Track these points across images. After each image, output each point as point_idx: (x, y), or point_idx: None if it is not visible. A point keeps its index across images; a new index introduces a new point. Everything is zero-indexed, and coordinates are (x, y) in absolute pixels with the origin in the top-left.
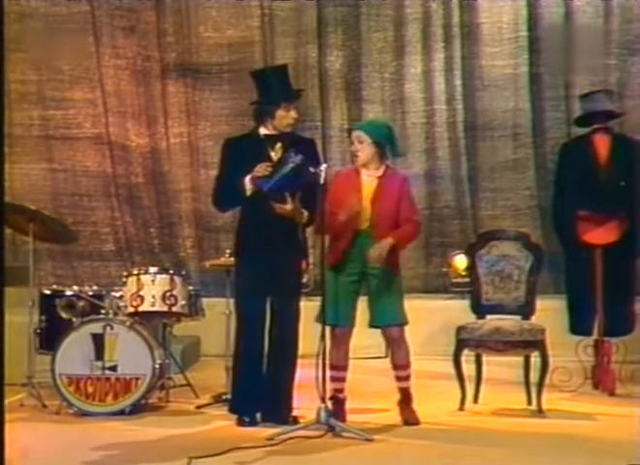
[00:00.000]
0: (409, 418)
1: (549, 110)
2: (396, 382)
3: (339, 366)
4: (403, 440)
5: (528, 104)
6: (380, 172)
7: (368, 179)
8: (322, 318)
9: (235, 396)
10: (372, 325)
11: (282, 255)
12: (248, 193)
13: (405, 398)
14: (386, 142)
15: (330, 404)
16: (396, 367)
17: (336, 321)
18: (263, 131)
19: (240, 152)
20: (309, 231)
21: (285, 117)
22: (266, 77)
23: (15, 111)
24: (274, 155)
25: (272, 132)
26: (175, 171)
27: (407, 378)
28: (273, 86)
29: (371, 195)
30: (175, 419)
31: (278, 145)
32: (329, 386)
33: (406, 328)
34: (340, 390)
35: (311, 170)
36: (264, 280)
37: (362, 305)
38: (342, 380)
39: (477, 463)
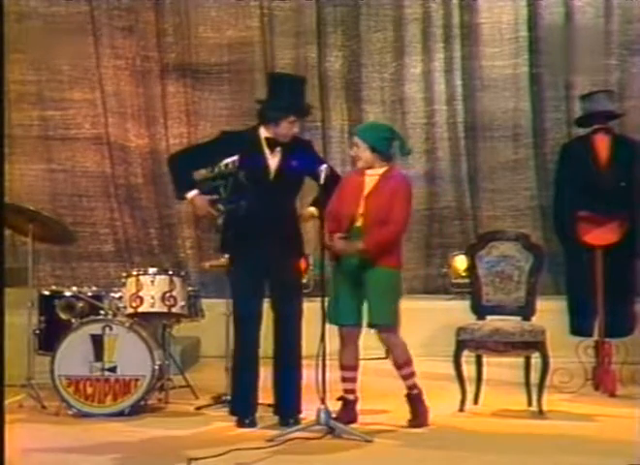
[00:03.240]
0: (415, 422)
1: (549, 111)
2: (402, 380)
3: (348, 366)
4: (403, 441)
5: (528, 104)
6: (380, 172)
7: (370, 179)
8: (324, 317)
9: (235, 398)
10: (368, 324)
11: (279, 255)
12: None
13: (413, 399)
14: (383, 147)
15: (339, 404)
16: (396, 367)
17: (340, 319)
18: (264, 133)
19: (236, 148)
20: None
21: (288, 129)
22: (283, 84)
23: (14, 112)
24: (272, 158)
25: (272, 135)
26: None
27: (410, 376)
28: (288, 96)
29: (367, 193)
30: (174, 421)
31: (278, 149)
32: (340, 386)
33: (406, 329)
34: (352, 391)
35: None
36: (260, 281)
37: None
38: (352, 380)
39: (477, 464)
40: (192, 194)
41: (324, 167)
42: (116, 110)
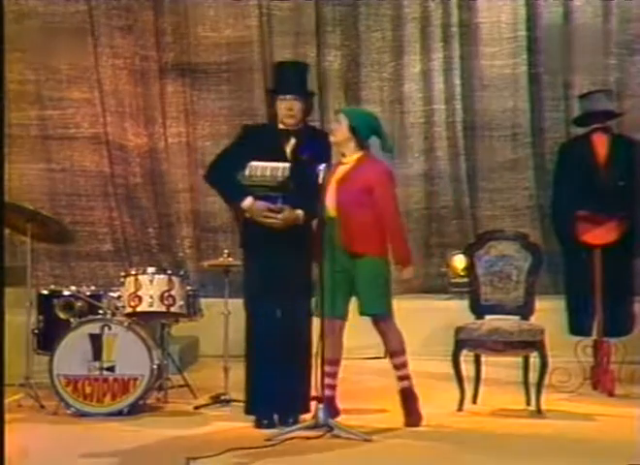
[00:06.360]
0: (410, 421)
1: (548, 110)
2: (394, 370)
3: (330, 360)
4: (402, 440)
5: (526, 103)
6: (354, 159)
7: (343, 167)
8: (322, 316)
9: (250, 398)
10: (360, 313)
11: (291, 255)
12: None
13: (405, 392)
14: (362, 130)
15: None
16: (389, 355)
17: (323, 311)
18: (279, 125)
19: (255, 140)
20: None
21: (284, 110)
22: (277, 70)
23: (12, 111)
24: (289, 150)
25: (286, 126)
26: (173, 171)
27: (403, 365)
28: (277, 79)
29: (338, 182)
30: (173, 420)
31: (292, 141)
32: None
33: (404, 328)
34: (332, 387)
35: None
36: (273, 280)
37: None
38: (332, 375)
39: (476, 464)
40: (248, 202)
41: (323, 166)
42: (115, 110)
